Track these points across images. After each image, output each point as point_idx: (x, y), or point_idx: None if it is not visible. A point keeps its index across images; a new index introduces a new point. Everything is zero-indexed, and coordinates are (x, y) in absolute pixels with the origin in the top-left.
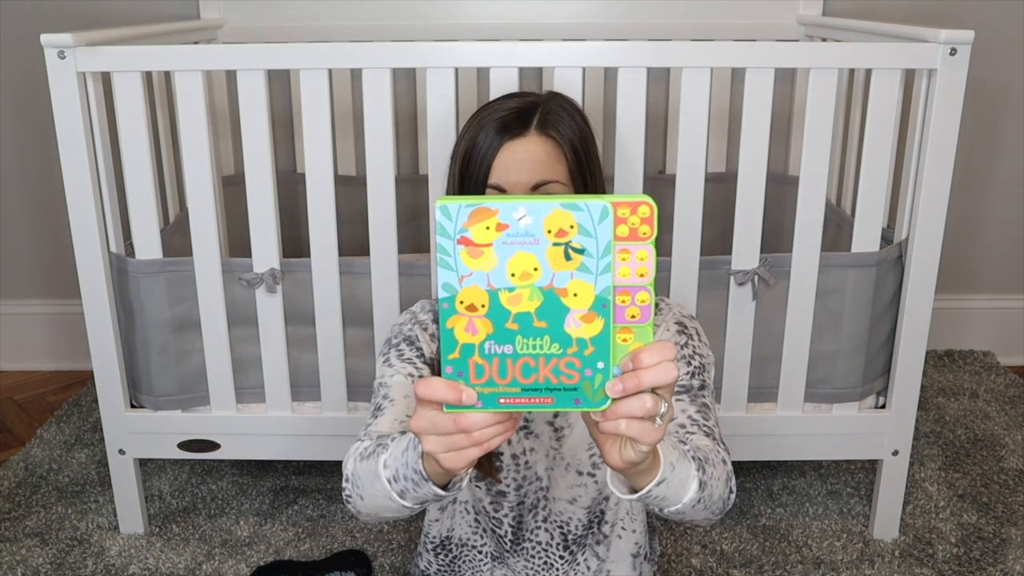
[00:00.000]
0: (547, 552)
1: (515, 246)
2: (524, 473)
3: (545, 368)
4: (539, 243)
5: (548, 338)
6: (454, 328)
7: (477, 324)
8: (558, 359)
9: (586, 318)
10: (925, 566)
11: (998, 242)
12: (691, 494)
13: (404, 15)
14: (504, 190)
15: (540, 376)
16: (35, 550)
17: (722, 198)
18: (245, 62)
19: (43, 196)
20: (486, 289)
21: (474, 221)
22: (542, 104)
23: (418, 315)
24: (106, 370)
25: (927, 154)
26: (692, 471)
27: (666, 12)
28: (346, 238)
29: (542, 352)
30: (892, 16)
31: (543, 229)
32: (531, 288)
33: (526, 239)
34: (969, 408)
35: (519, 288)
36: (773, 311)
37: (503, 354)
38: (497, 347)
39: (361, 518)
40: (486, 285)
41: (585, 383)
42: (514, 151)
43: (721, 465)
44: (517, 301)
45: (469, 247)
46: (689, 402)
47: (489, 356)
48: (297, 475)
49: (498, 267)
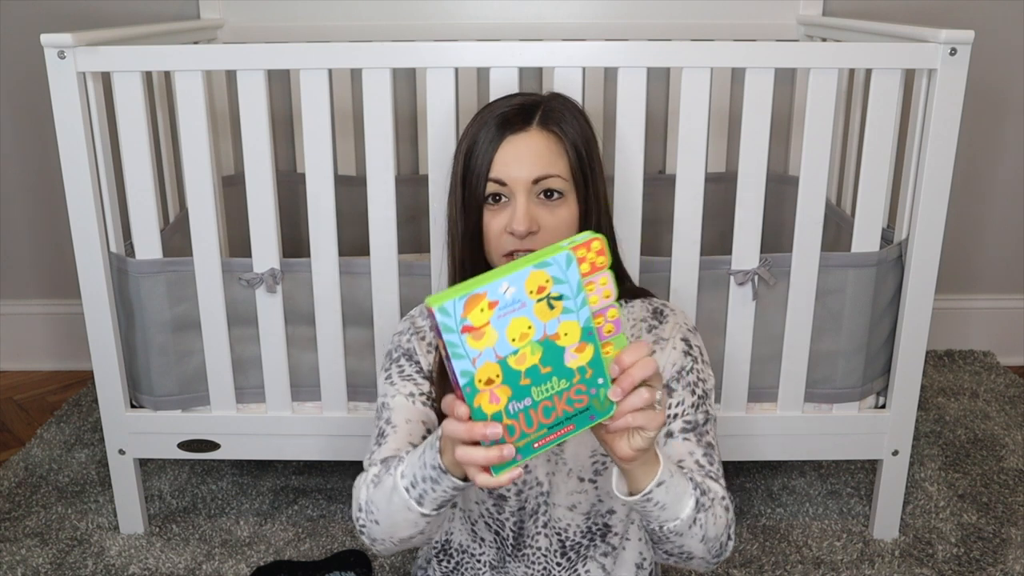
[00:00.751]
0: (547, 558)
1: (508, 316)
2: (525, 477)
3: (561, 403)
4: (526, 305)
5: (555, 378)
6: (481, 404)
7: (498, 393)
8: (568, 391)
9: (579, 349)
10: (925, 566)
11: (998, 242)
12: (688, 511)
13: (404, 15)
14: (505, 183)
15: (559, 411)
16: (35, 550)
17: (722, 198)
18: (245, 62)
19: (43, 196)
20: (496, 361)
21: (469, 309)
22: (544, 102)
23: (416, 321)
24: (106, 370)
25: (927, 154)
26: (689, 489)
27: (666, 12)
28: (346, 238)
29: (555, 391)
30: (892, 16)
31: (526, 292)
32: (531, 344)
33: (515, 306)
34: (969, 408)
35: (521, 349)
36: (773, 311)
37: (525, 407)
38: (519, 404)
39: (376, 547)
40: (495, 358)
41: (593, 400)
42: (516, 145)
43: (723, 511)
44: (523, 360)
45: (472, 332)
46: (696, 442)
47: (515, 414)
48: (297, 475)
49: (500, 339)
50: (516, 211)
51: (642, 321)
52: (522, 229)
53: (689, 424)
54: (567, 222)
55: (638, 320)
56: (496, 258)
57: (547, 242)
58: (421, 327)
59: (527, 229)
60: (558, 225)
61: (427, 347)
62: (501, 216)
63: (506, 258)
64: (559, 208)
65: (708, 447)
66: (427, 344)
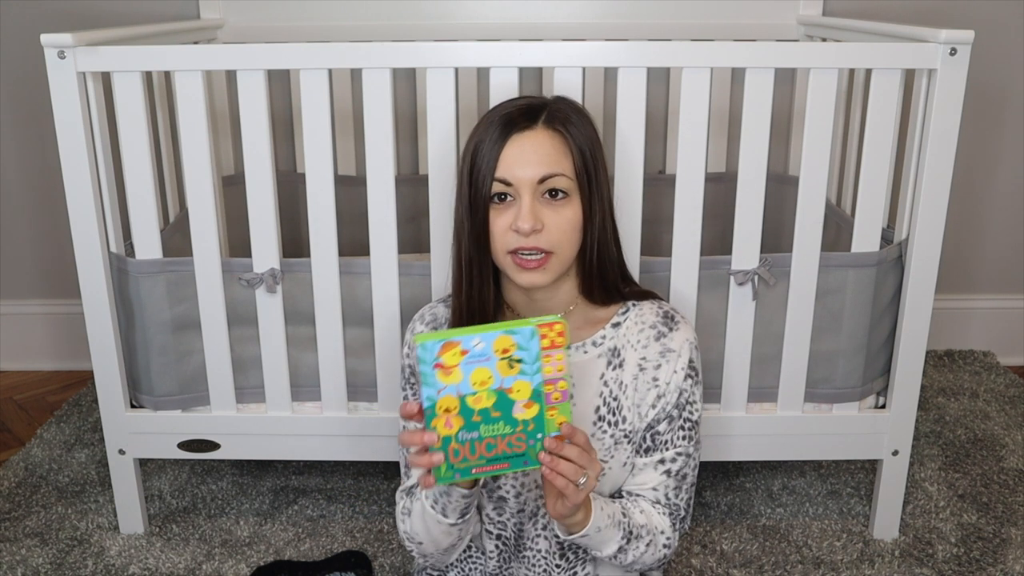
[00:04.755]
0: (546, 560)
1: (474, 364)
2: (523, 480)
3: (502, 443)
4: (491, 360)
5: (502, 423)
6: (437, 426)
7: (452, 421)
8: (510, 436)
9: (527, 405)
10: (925, 566)
11: (998, 242)
12: (610, 551)
13: (404, 15)
14: (511, 183)
15: (499, 450)
16: (35, 550)
17: (722, 198)
18: (245, 62)
19: (43, 196)
20: (456, 396)
21: (444, 352)
22: (550, 103)
23: (416, 326)
24: (106, 370)
25: (927, 154)
26: (616, 538)
27: (666, 12)
28: (346, 238)
29: (499, 433)
30: (892, 16)
31: (493, 349)
32: (488, 391)
33: (482, 358)
34: (969, 408)
35: (479, 392)
36: (773, 311)
37: (472, 438)
38: (468, 435)
39: (429, 561)
40: (456, 393)
41: (530, 450)
42: (521, 144)
43: (658, 548)
44: (479, 401)
45: (442, 369)
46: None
47: (463, 441)
48: (297, 475)
49: (464, 380)
50: (521, 209)
51: (651, 328)
52: (527, 227)
53: (673, 458)
54: (571, 221)
55: (647, 326)
56: (500, 255)
57: (551, 241)
58: (420, 332)
59: (532, 227)
60: (562, 224)
61: None
62: (506, 214)
63: (511, 257)
64: (563, 207)
65: (681, 481)
66: None
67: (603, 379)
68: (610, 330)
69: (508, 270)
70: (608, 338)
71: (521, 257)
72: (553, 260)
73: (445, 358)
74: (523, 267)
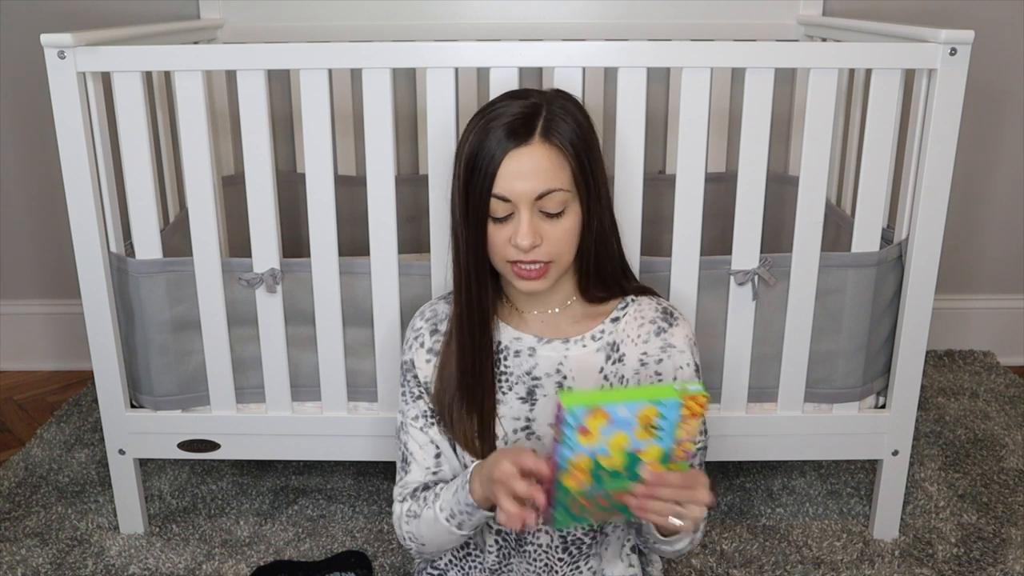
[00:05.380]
0: (548, 555)
1: (615, 429)
2: None
3: (621, 496)
4: (632, 427)
5: (627, 480)
6: (565, 480)
7: (582, 478)
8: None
9: (653, 465)
10: (925, 566)
11: (998, 242)
12: (678, 548)
13: (404, 15)
14: (509, 200)
15: (615, 500)
16: (35, 550)
17: (722, 198)
18: (245, 62)
19: (43, 196)
20: (591, 456)
21: (590, 417)
22: (545, 106)
23: (415, 326)
24: (106, 370)
25: (927, 154)
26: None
27: (666, 12)
28: (346, 238)
29: (623, 487)
30: (892, 16)
31: (636, 417)
32: (621, 452)
33: (623, 426)
34: (969, 408)
35: (613, 454)
36: (773, 311)
37: (596, 492)
38: (594, 490)
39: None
40: (592, 454)
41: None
42: (519, 161)
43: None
44: (611, 461)
45: (584, 433)
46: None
47: (588, 496)
48: (297, 475)
49: (600, 443)
50: (520, 226)
51: (651, 323)
52: (526, 244)
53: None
54: (570, 231)
55: (646, 321)
56: (500, 263)
57: (550, 252)
58: (419, 328)
59: (531, 244)
60: (561, 235)
61: (426, 355)
62: (505, 228)
63: (510, 265)
64: (562, 220)
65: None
66: (426, 351)
67: (602, 373)
68: (609, 325)
69: (508, 276)
70: (607, 332)
71: (521, 267)
72: (552, 268)
73: (589, 423)
74: (523, 276)
